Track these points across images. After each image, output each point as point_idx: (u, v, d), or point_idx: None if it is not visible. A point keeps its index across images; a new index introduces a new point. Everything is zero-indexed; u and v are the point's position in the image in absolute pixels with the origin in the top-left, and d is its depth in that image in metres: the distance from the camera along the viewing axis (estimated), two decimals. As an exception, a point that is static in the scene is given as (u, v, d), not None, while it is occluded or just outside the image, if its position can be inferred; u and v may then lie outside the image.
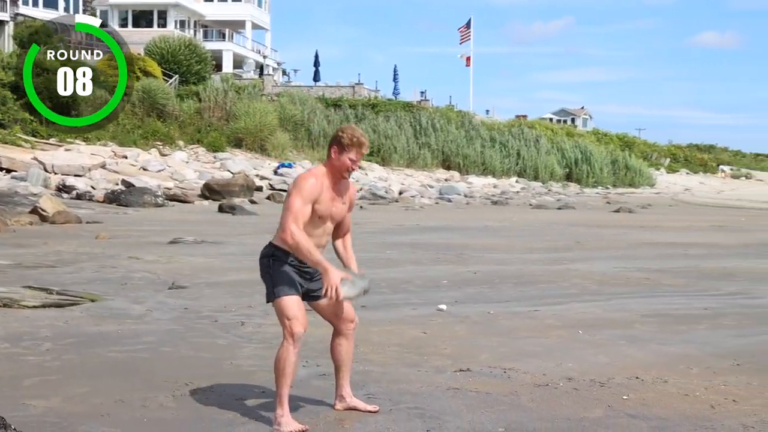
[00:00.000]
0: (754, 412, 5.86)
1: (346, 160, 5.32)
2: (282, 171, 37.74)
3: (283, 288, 5.30)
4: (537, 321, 9.02)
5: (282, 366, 5.29)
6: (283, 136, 43.89)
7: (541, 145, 51.78)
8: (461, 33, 76.89)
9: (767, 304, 10.57)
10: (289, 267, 5.33)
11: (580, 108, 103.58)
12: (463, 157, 47.44)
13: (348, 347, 5.70)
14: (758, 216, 32.73)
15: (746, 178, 74.11)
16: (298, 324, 5.26)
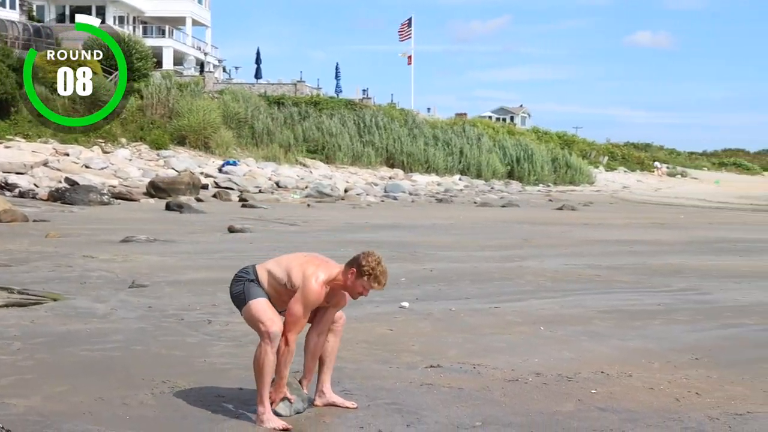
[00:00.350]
0: (717, 405, 6.08)
1: (359, 286, 5.39)
2: (227, 169, 37.61)
3: (253, 293, 5.43)
4: (499, 318, 9.19)
5: (261, 366, 5.39)
6: (226, 134, 43.68)
7: (483, 144, 52.20)
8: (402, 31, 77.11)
9: (717, 300, 10.85)
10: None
11: (519, 106, 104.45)
12: (407, 156, 47.66)
13: (334, 343, 5.81)
14: (696, 213, 33.41)
15: (682, 176, 75.40)
16: (273, 324, 5.37)
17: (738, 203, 42.28)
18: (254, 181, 35.91)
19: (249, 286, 5.49)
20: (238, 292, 5.53)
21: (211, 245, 15.64)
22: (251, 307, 5.41)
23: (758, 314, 9.81)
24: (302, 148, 45.01)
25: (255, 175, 37.55)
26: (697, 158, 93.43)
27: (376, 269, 5.36)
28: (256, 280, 5.51)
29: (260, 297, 5.43)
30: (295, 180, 37.93)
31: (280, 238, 17.04)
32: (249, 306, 5.42)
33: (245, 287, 5.49)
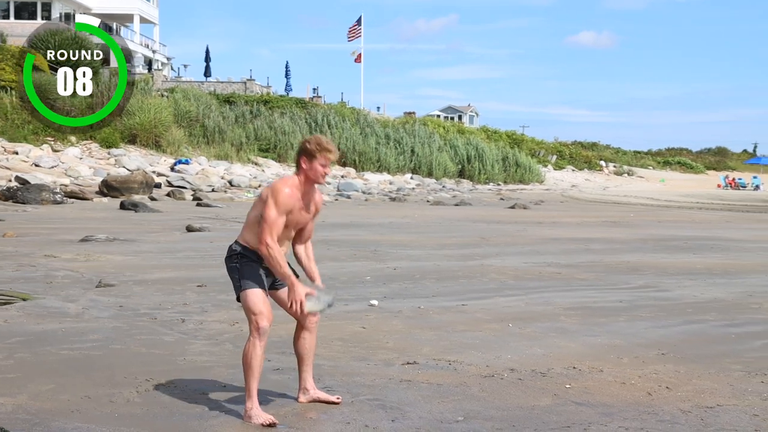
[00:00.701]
0: (688, 398, 6.28)
1: (317, 167, 5.53)
2: (179, 168, 37.46)
3: (249, 282, 5.50)
4: (467, 315, 9.35)
5: (249, 360, 5.48)
6: (177, 133, 43.45)
7: (434, 143, 52.47)
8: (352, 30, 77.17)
9: (676, 297, 11.10)
10: (256, 264, 5.53)
11: (467, 105, 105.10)
12: (359, 154, 47.75)
13: (311, 341, 5.90)
14: (645, 212, 33.92)
15: (629, 175, 76.39)
16: (263, 319, 5.46)
17: (684, 201, 42.98)
18: (207, 180, 35.81)
19: (243, 270, 5.52)
20: (233, 279, 5.59)
21: (172, 244, 15.63)
22: (246, 297, 5.49)
23: (717, 310, 10.07)
24: (254, 147, 44.92)
25: (208, 173, 37.43)
26: (643, 157, 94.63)
27: (319, 142, 5.56)
28: (244, 251, 5.54)
29: (255, 287, 5.48)
30: (248, 179, 37.86)
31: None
32: (244, 294, 5.50)
33: (240, 271, 5.53)
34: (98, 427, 5.27)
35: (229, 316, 8.81)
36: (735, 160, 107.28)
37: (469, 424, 5.56)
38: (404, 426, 5.48)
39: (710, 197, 50.31)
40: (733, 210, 37.17)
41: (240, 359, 5.68)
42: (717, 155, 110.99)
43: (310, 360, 5.94)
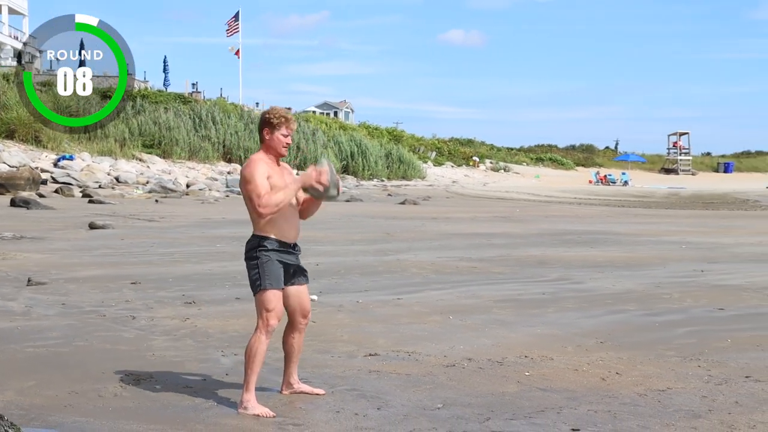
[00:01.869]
0: (639, 383, 6.73)
1: (279, 137, 5.79)
2: (63, 164, 36.69)
3: (270, 281, 5.71)
4: (406, 308, 9.67)
5: (253, 354, 5.70)
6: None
7: (318, 139, 52.72)
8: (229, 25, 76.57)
9: (592, 288, 11.63)
10: (276, 260, 5.74)
11: (342, 101, 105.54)
12: (245, 150, 47.60)
13: (299, 340, 6.15)
14: (529, 207, 34.92)
15: (505, 171, 78.16)
16: (274, 317, 5.71)
17: (563, 197, 44.33)
18: (93, 176, 35.17)
19: (264, 268, 5.71)
20: (253, 278, 5.76)
21: (84, 242, 15.48)
22: (263, 295, 5.71)
23: (634, 301, 10.63)
24: (138, 143, 44.27)
25: (93, 170, 36.75)
26: (516, 154, 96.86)
27: (279, 112, 5.82)
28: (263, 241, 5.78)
29: (273, 288, 5.69)
30: (135, 175, 37.35)
31: (149, 234, 17.01)
32: (262, 293, 5.70)
33: (261, 270, 5.72)
34: (96, 420, 5.39)
35: (176, 313, 8.92)
36: (601, 157, 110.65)
37: (450, 410, 5.87)
38: (391, 413, 5.76)
39: (585, 193, 51.99)
40: (610, 205, 38.57)
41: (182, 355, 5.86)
42: (585, 152, 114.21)
43: (297, 357, 6.20)
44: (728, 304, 10.45)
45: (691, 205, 40.46)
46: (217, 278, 11.44)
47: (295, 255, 5.98)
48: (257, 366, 5.73)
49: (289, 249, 5.85)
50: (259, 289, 5.72)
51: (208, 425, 5.39)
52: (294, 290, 6.00)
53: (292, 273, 6.00)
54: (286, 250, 5.83)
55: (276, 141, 5.78)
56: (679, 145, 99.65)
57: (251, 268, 5.77)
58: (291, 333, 6.10)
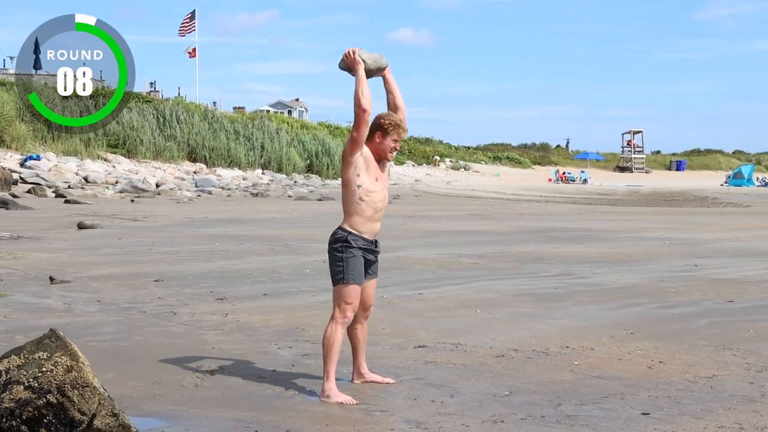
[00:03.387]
0: (685, 370, 7.00)
1: (390, 143, 6.03)
2: (30, 164, 36.41)
3: (353, 276, 5.92)
4: (431, 303, 9.90)
5: (331, 344, 5.92)
6: (21, 128, 42.09)
7: (282, 138, 52.75)
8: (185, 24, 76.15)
9: (599, 283, 11.91)
10: (360, 254, 5.94)
11: (296, 100, 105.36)
12: (210, 150, 47.51)
13: (363, 331, 6.37)
14: (499, 205, 35.29)
15: (465, 170, 78.76)
16: (352, 311, 5.96)
17: (529, 195, 44.84)
18: (62, 177, 34.95)
19: (348, 263, 5.93)
20: (336, 270, 5.97)
21: (82, 242, 15.51)
22: (344, 288, 5.93)
23: (644, 295, 10.91)
24: (102, 142, 43.95)
25: (61, 170, 36.52)
26: (474, 152, 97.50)
27: (395, 120, 6.07)
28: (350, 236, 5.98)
29: (355, 283, 5.91)
30: (103, 175, 37.17)
31: (142, 233, 17.07)
32: (344, 286, 5.93)
33: (345, 264, 5.94)
34: (190, 408, 5.55)
35: (213, 309, 9.07)
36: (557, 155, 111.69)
37: (519, 397, 6.10)
38: (465, 400, 5.98)
39: (548, 191, 52.60)
40: (577, 203, 39.09)
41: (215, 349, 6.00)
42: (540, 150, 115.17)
43: (364, 348, 6.41)
44: (735, 297, 10.79)
45: (655, 203, 41.15)
46: (235, 276, 11.57)
47: (375, 252, 6.19)
48: (335, 355, 5.94)
49: (371, 246, 6.06)
50: (341, 282, 5.93)
51: (298, 412, 5.58)
52: (364, 285, 6.21)
53: (368, 269, 6.20)
54: (368, 248, 6.04)
55: (385, 146, 6.03)
56: (633, 144, 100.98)
57: (335, 260, 5.97)
58: (354, 324, 6.30)
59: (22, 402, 4.25)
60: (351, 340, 6.35)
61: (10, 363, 4.39)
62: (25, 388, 4.29)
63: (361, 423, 5.42)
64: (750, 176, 75.09)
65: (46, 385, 4.28)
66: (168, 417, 5.39)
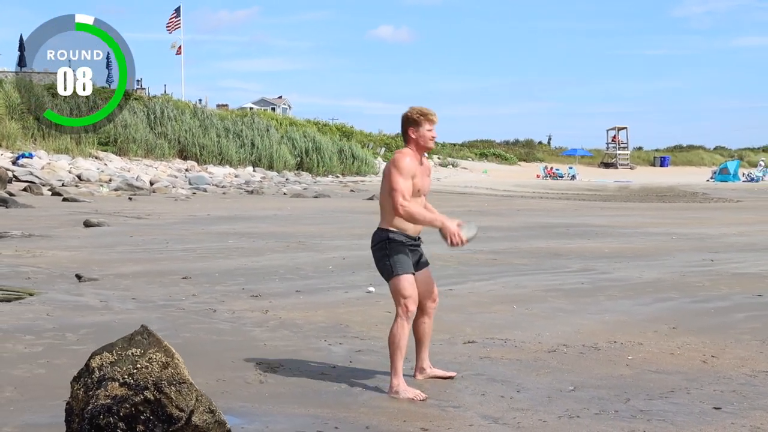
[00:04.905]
0: (740, 364, 6.99)
1: (425, 132, 6.01)
2: (23, 162, 36.15)
3: (402, 266, 5.87)
4: (464, 298, 9.87)
5: (397, 340, 5.86)
6: (11, 126, 41.79)
7: (272, 135, 52.57)
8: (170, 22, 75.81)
9: (623, 278, 11.88)
10: (404, 248, 5.90)
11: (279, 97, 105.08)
12: (201, 147, 47.29)
13: (429, 324, 6.33)
14: (494, 201, 35.29)
15: (453, 167, 78.67)
16: (413, 303, 5.87)
17: (521, 191, 44.88)
18: (56, 175, 34.71)
19: (394, 257, 5.89)
20: (384, 267, 5.92)
21: (95, 239, 15.38)
22: (399, 282, 5.88)
23: (673, 289, 10.89)
24: (93, 140, 43.69)
25: (54, 168, 36.27)
26: (461, 149, 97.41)
27: (421, 110, 6.06)
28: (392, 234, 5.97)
29: (406, 273, 5.85)
30: (96, 173, 36.92)
31: (151, 231, 16.96)
32: (397, 279, 5.87)
33: (391, 258, 5.90)
34: (262, 405, 5.50)
35: (251, 305, 9.00)
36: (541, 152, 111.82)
37: (585, 392, 6.07)
38: (534, 395, 5.95)
39: (539, 187, 52.66)
40: (570, 199, 39.15)
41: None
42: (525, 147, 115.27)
43: (428, 341, 6.37)
44: (762, 291, 10.79)
45: (647, 198, 41.25)
46: (261, 273, 11.49)
47: (418, 246, 6.14)
48: (402, 351, 5.89)
49: (413, 241, 6.02)
50: (392, 276, 5.89)
51: (371, 408, 5.53)
52: (420, 276, 6.16)
53: (417, 261, 6.16)
54: (411, 243, 5.99)
55: (422, 137, 6.00)
56: (617, 140, 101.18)
57: (381, 258, 5.97)
58: (421, 317, 6.26)
59: (118, 399, 4.18)
60: (416, 333, 6.31)
61: (103, 360, 4.32)
62: (120, 385, 4.22)
63: (439, 419, 5.38)
64: (736, 172, 75.36)
65: (142, 381, 4.21)
66: (242, 414, 5.33)
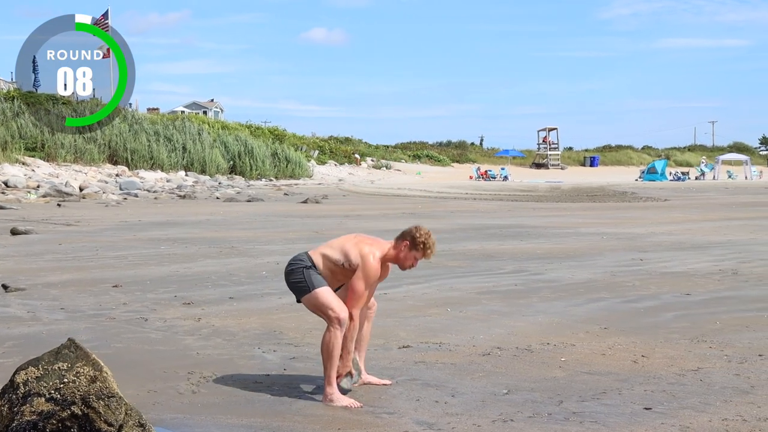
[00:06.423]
0: (669, 364, 7.09)
1: (411, 258, 5.96)
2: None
3: (317, 280, 5.82)
4: (400, 302, 9.87)
5: (331, 349, 5.81)
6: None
7: (204, 139, 52.14)
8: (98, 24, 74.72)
9: (555, 279, 12.00)
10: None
11: (211, 101, 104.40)
12: (131, 152, 46.70)
13: (368, 329, 6.33)
14: (428, 203, 35.36)
15: (386, 169, 78.83)
16: (342, 311, 5.83)
17: (455, 193, 45.08)
18: (-19, 181, 34.04)
19: (309, 274, 5.84)
20: (298, 281, 5.87)
21: (22, 248, 15.09)
22: (318, 295, 5.80)
23: (604, 289, 11.01)
24: (20, 146, 42.93)
25: (-20, 174, 35.57)
26: (394, 151, 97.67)
27: (428, 240, 6.04)
28: (313, 266, 5.86)
29: (323, 285, 5.81)
30: (24, 179, 36.27)
31: (82, 238, 16.70)
32: (315, 294, 5.80)
33: (306, 275, 5.84)
34: (194, 416, 5.44)
35: (183, 313, 8.91)
36: (474, 153, 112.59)
37: (519, 395, 6.10)
38: (468, 399, 5.97)
39: (473, 188, 52.94)
40: (503, 200, 39.41)
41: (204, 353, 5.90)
42: (458, 148, 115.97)
43: (365, 347, 6.34)
44: (689, 290, 10.98)
45: (578, 198, 41.70)
46: (194, 279, 11.38)
47: None
48: (336, 360, 5.86)
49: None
50: (306, 292, 5.83)
51: (305, 416, 5.50)
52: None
53: None
54: None
55: (406, 258, 6.01)
56: (548, 141, 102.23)
57: (295, 275, 5.90)
58: (361, 321, 6.22)
59: (45, 414, 4.09)
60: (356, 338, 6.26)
61: (28, 375, 4.23)
62: (47, 400, 4.13)
63: (373, 426, 5.36)
64: (663, 171, 76.66)
65: (69, 396, 4.13)
66: (174, 425, 5.26)
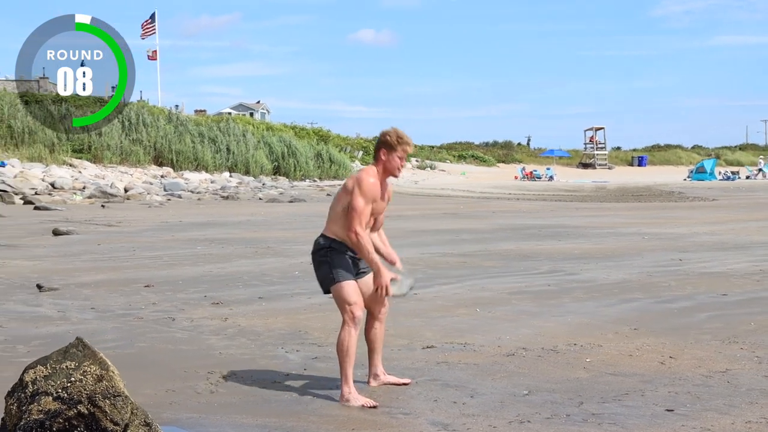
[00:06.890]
0: (697, 365, 6.97)
1: (395, 159, 5.90)
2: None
3: (342, 273, 5.80)
4: (429, 302, 9.81)
5: (346, 348, 5.79)
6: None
7: (249, 140, 52.41)
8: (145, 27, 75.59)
9: (589, 279, 11.89)
10: (345, 256, 5.84)
11: (257, 102, 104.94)
12: (176, 153, 47.11)
13: (381, 330, 6.27)
14: (470, 203, 35.29)
15: (431, 169, 78.75)
16: (358, 308, 5.81)
17: (498, 193, 44.92)
18: (28, 183, 34.46)
19: (335, 263, 5.78)
20: (324, 276, 5.85)
21: (61, 248, 15.25)
22: (341, 288, 5.79)
23: (638, 290, 10.88)
24: (67, 148, 43.47)
25: (27, 176, 36.01)
26: (439, 151, 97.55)
27: (400, 135, 5.95)
28: (333, 243, 5.83)
29: (347, 279, 5.78)
30: (70, 180, 36.70)
31: (120, 238, 16.84)
32: (338, 286, 5.78)
33: (332, 266, 5.80)
34: (210, 415, 5.43)
35: (211, 313, 8.92)
36: (520, 153, 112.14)
37: (539, 396, 6.03)
38: (487, 400, 5.90)
39: (517, 188, 52.69)
40: (547, 200, 39.20)
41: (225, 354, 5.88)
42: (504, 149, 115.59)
43: (380, 348, 6.31)
44: (726, 290, 10.81)
45: (623, 198, 41.35)
46: (226, 279, 11.41)
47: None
48: (351, 359, 5.83)
49: (353, 253, 5.94)
50: (333, 283, 5.81)
51: (320, 417, 5.47)
52: (367, 280, 6.08)
53: (362, 266, 6.06)
54: (352, 254, 5.92)
55: (392, 162, 5.92)
56: (595, 140, 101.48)
57: (320, 265, 5.89)
58: (371, 323, 6.22)
59: (51, 413, 4.11)
60: (368, 340, 6.25)
61: (37, 373, 4.25)
62: (54, 399, 4.14)
63: (388, 426, 5.33)
64: (712, 170, 75.80)
65: (76, 395, 4.14)
66: (190, 425, 5.26)
